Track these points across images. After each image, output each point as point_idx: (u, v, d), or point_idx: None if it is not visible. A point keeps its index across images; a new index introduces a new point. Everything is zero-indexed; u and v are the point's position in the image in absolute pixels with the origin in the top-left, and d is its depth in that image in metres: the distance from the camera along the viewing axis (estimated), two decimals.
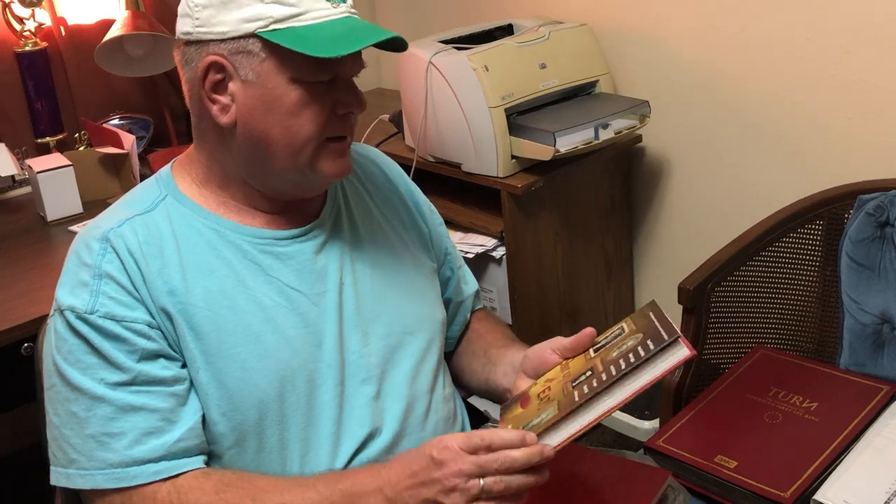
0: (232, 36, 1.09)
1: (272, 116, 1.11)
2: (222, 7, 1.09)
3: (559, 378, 1.13)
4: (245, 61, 1.09)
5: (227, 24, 1.09)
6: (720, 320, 1.72)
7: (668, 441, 1.42)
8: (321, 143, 1.14)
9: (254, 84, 1.10)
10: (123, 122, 2.50)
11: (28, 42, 2.34)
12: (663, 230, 2.43)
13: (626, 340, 1.10)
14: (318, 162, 1.14)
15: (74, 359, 1.08)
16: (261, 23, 1.08)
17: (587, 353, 1.16)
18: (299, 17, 1.08)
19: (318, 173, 1.15)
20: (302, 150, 1.13)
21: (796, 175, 2.08)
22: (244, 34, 1.08)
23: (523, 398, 1.15)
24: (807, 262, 1.81)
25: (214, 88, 1.11)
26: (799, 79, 2.02)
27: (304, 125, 1.11)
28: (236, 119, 1.12)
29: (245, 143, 1.13)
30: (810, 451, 1.35)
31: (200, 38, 1.11)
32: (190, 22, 1.12)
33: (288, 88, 1.10)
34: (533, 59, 2.15)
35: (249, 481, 1.09)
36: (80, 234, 1.16)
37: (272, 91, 1.10)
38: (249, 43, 1.09)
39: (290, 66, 1.09)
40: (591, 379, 1.06)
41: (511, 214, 2.11)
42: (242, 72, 1.10)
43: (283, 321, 1.15)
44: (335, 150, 1.15)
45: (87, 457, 1.07)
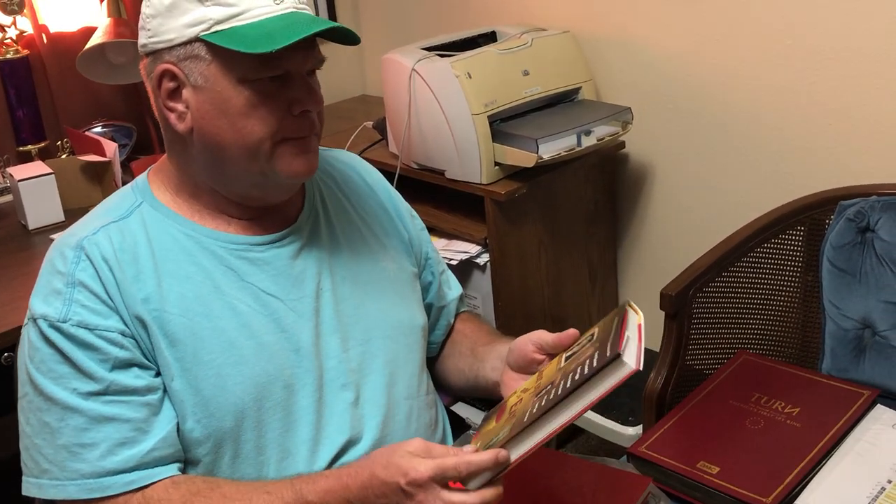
0: (178, 42, 1.09)
1: (224, 120, 1.10)
2: (168, 15, 1.09)
3: (532, 389, 1.12)
4: (193, 66, 1.09)
5: (173, 30, 1.09)
6: (702, 326, 1.72)
7: (650, 447, 1.41)
8: (277, 143, 1.12)
9: (204, 88, 1.10)
10: (106, 130, 2.50)
11: (10, 50, 2.33)
12: (647, 236, 2.44)
13: (590, 351, 1.08)
14: (276, 162, 1.12)
15: (47, 368, 1.07)
16: (203, 26, 1.07)
17: (560, 359, 1.15)
18: (240, 16, 1.08)
19: (277, 174, 1.13)
20: (257, 152, 1.11)
21: (778, 181, 2.09)
22: (189, 39, 1.08)
23: (500, 409, 1.14)
24: (788, 267, 1.82)
25: (170, 97, 1.11)
26: (780, 85, 2.03)
27: (255, 126, 1.10)
28: (192, 125, 1.11)
29: (203, 149, 1.13)
30: (792, 457, 1.35)
31: (154, 48, 1.11)
32: (145, 34, 1.12)
33: (236, 90, 1.09)
34: (516, 66, 2.15)
35: (217, 489, 1.08)
36: (55, 242, 1.15)
37: (221, 94, 1.09)
38: (195, 48, 1.09)
39: (236, 66, 1.08)
40: (547, 395, 1.04)
41: (495, 221, 2.11)
42: (192, 77, 1.10)
43: (260, 327, 1.15)
44: (293, 149, 1.13)
45: (59, 467, 1.07)
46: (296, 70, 1.12)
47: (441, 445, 1.05)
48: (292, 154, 1.13)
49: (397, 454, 1.02)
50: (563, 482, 1.19)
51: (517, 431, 1.00)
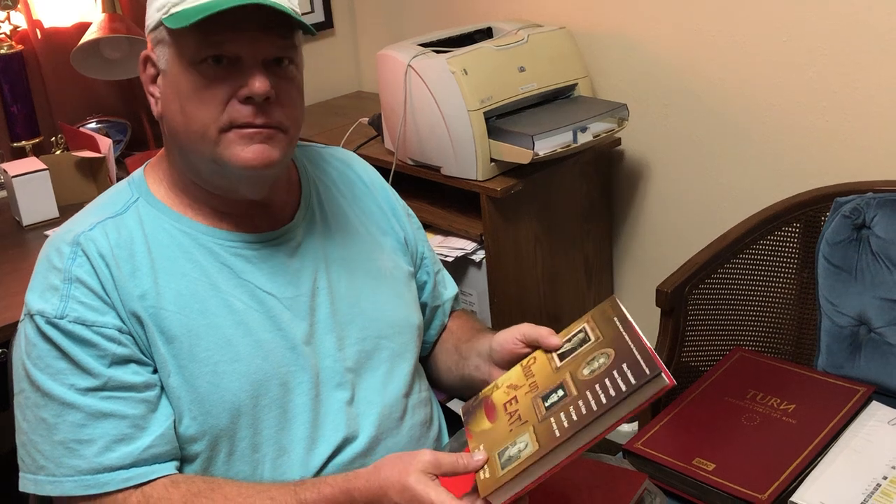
0: (151, 28, 1.11)
1: (176, 104, 1.10)
2: (150, 1, 1.11)
3: (524, 387, 1.10)
4: (161, 51, 1.10)
5: (150, 16, 1.11)
6: (698, 323, 1.72)
7: (646, 444, 1.42)
8: (223, 130, 1.08)
9: (166, 73, 1.11)
10: (100, 126, 2.49)
11: (3, 45, 2.32)
12: (642, 233, 2.44)
13: (594, 354, 1.05)
14: (223, 151, 1.09)
15: (44, 364, 1.07)
16: (164, 9, 1.08)
17: (551, 357, 1.12)
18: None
19: (227, 163, 1.09)
20: (203, 138, 1.09)
21: (773, 177, 2.09)
22: (156, 24, 1.10)
23: (488, 407, 1.11)
24: (784, 264, 1.82)
25: (152, 83, 1.13)
26: (776, 81, 2.03)
27: (198, 110, 1.08)
28: (162, 110, 1.12)
29: (169, 135, 1.14)
30: (788, 453, 1.35)
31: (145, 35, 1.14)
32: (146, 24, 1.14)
33: (187, 73, 1.08)
34: (512, 62, 2.15)
35: (218, 489, 1.08)
36: (50, 237, 1.15)
37: (175, 77, 1.09)
38: (161, 32, 1.10)
39: (184, 48, 1.08)
40: (567, 406, 1.01)
41: (491, 218, 2.11)
42: (161, 62, 1.11)
43: (256, 325, 1.14)
44: (239, 137, 1.08)
45: (55, 463, 1.06)
46: (249, 56, 1.07)
47: (448, 456, 1.03)
48: (238, 143, 1.09)
49: (412, 477, 1.00)
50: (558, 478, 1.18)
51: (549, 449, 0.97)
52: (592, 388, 1.01)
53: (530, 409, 1.05)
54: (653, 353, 1.00)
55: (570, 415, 0.99)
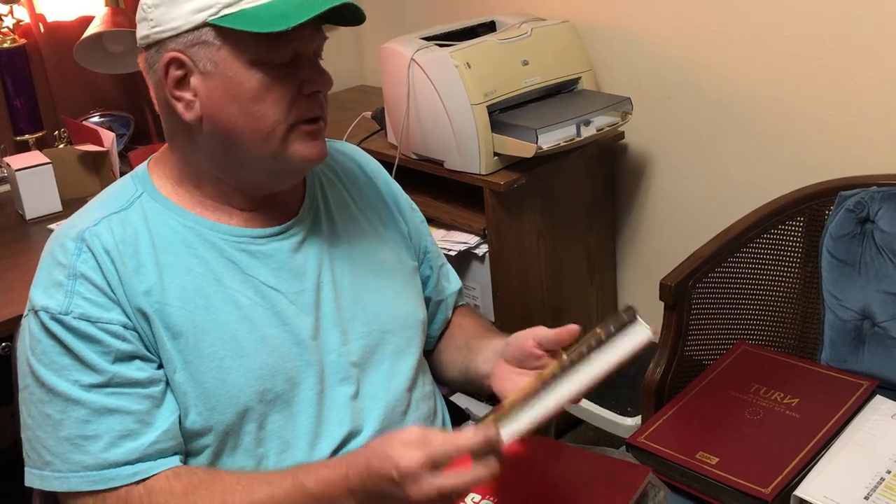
0: (185, 29, 1.07)
1: (235, 105, 1.08)
2: (172, 3, 1.07)
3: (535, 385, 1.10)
4: (202, 52, 1.08)
5: (178, 18, 1.07)
6: (702, 317, 1.72)
7: (649, 438, 1.42)
8: (290, 126, 1.10)
9: (213, 74, 1.08)
10: (103, 120, 2.49)
11: (6, 39, 2.32)
12: (646, 227, 2.44)
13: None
14: (290, 147, 1.11)
15: (48, 360, 1.07)
16: (211, 10, 1.06)
17: (562, 358, 1.11)
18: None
19: (290, 159, 1.12)
20: (271, 136, 1.10)
21: (777, 171, 2.09)
22: (197, 25, 1.07)
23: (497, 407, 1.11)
24: (788, 258, 1.81)
25: (177, 85, 1.10)
26: (781, 75, 2.03)
27: (268, 109, 1.09)
28: (202, 114, 1.10)
29: (213, 137, 1.11)
30: (791, 447, 1.35)
31: (157, 38, 1.09)
32: (146, 25, 1.10)
33: (248, 73, 1.08)
34: (515, 55, 2.14)
35: (219, 480, 1.08)
36: (54, 233, 1.14)
37: (232, 78, 1.08)
38: (203, 33, 1.07)
39: (246, 49, 1.07)
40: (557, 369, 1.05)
41: (494, 212, 2.11)
42: (201, 64, 1.08)
43: (261, 320, 1.14)
44: (306, 134, 1.12)
45: (61, 459, 1.06)
46: (304, 51, 1.10)
47: (438, 430, 1.04)
48: (305, 139, 1.12)
49: (391, 444, 1.00)
50: (562, 472, 1.19)
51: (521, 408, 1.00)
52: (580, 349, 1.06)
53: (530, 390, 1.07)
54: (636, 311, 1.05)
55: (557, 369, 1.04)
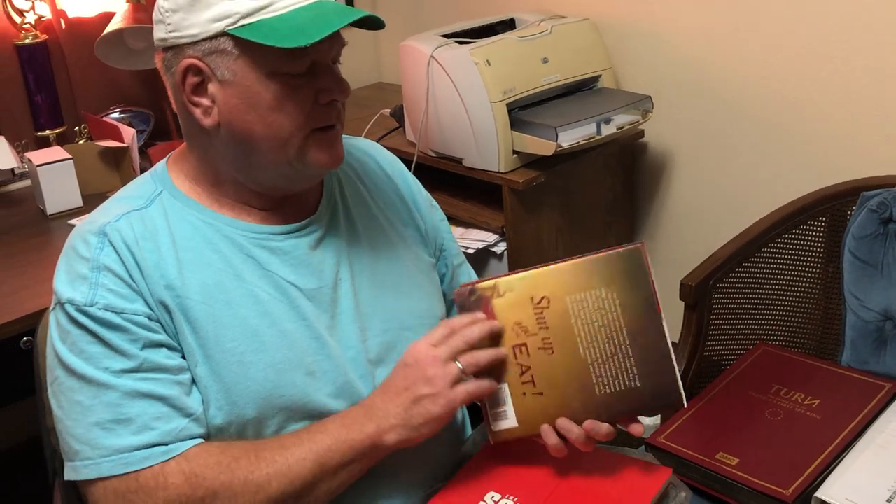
0: (203, 37, 1.07)
1: (254, 114, 1.09)
2: (190, 9, 1.07)
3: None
4: (220, 61, 1.08)
5: (197, 25, 1.07)
6: (722, 317, 1.71)
7: (669, 438, 1.41)
8: (308, 134, 1.11)
9: (231, 83, 1.08)
10: (123, 116, 2.50)
11: (28, 35, 2.33)
12: (665, 226, 2.43)
13: None
14: (307, 153, 1.12)
15: (78, 349, 1.07)
16: (229, 20, 1.06)
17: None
18: (267, 8, 1.06)
19: (308, 165, 1.13)
20: (288, 144, 1.11)
21: (799, 171, 2.08)
22: (215, 34, 1.07)
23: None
24: (809, 258, 1.80)
25: (195, 91, 1.10)
26: (803, 74, 2.02)
27: (286, 119, 1.09)
28: (219, 120, 1.10)
29: (231, 143, 1.12)
30: (812, 449, 1.34)
31: (175, 42, 1.09)
32: (163, 28, 1.10)
33: (265, 84, 1.08)
34: (535, 53, 2.14)
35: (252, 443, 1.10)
36: (76, 228, 1.15)
37: (250, 88, 1.08)
38: (221, 42, 1.07)
39: (264, 60, 1.07)
40: None
41: (512, 210, 2.11)
42: (219, 72, 1.08)
43: (280, 315, 1.14)
44: (324, 140, 1.13)
45: (90, 446, 1.06)
46: (321, 59, 1.11)
47: None
48: (321, 145, 1.13)
49: None
50: (582, 471, 1.18)
51: None
52: None
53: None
54: None
55: None
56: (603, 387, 1.11)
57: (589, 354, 1.11)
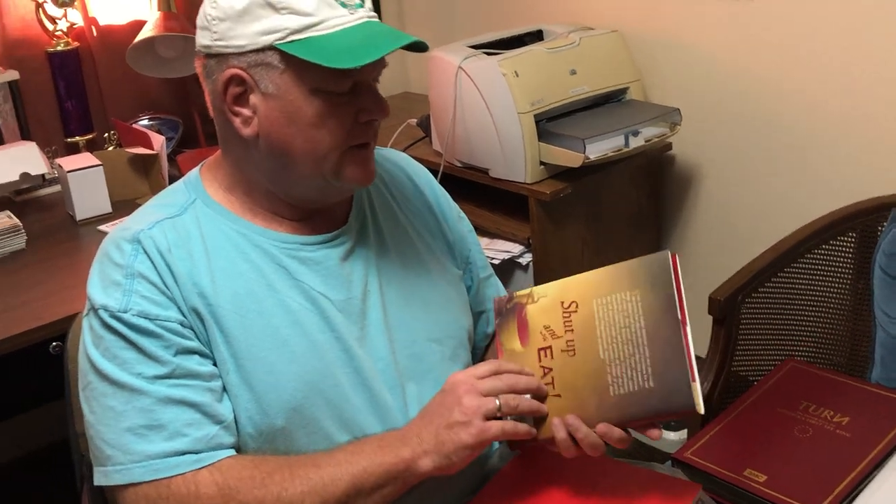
0: (250, 49, 1.07)
1: (294, 128, 1.10)
2: (238, 20, 1.07)
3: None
4: (264, 74, 1.08)
5: (244, 37, 1.07)
6: (750, 332, 1.70)
7: (696, 453, 1.40)
8: (345, 151, 1.12)
9: (274, 96, 1.09)
10: (152, 123, 2.52)
11: (60, 42, 2.36)
12: (691, 239, 2.42)
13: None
14: (343, 170, 1.13)
15: (111, 355, 1.08)
16: (278, 34, 1.06)
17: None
18: (316, 26, 1.07)
19: (342, 181, 1.14)
20: (325, 160, 1.12)
21: (829, 186, 2.06)
22: (262, 47, 1.07)
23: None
24: (839, 274, 1.79)
25: (236, 101, 1.11)
26: (833, 88, 2.00)
27: (326, 136, 1.10)
28: (258, 131, 1.11)
29: (268, 154, 1.13)
30: (842, 467, 1.33)
31: (219, 51, 1.10)
32: (208, 35, 1.11)
33: (308, 100, 1.09)
34: (563, 65, 2.14)
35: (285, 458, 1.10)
36: (109, 235, 1.16)
37: (293, 103, 1.09)
38: (268, 55, 1.07)
39: (310, 77, 1.08)
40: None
41: (538, 221, 2.10)
42: (262, 84, 1.09)
43: (311, 325, 1.15)
44: (359, 158, 1.14)
45: (122, 451, 1.06)
46: (364, 80, 1.12)
47: None
48: (357, 163, 1.14)
49: None
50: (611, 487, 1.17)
51: None
52: None
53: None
54: None
55: None
56: (618, 388, 1.10)
57: (608, 355, 1.11)
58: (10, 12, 2.31)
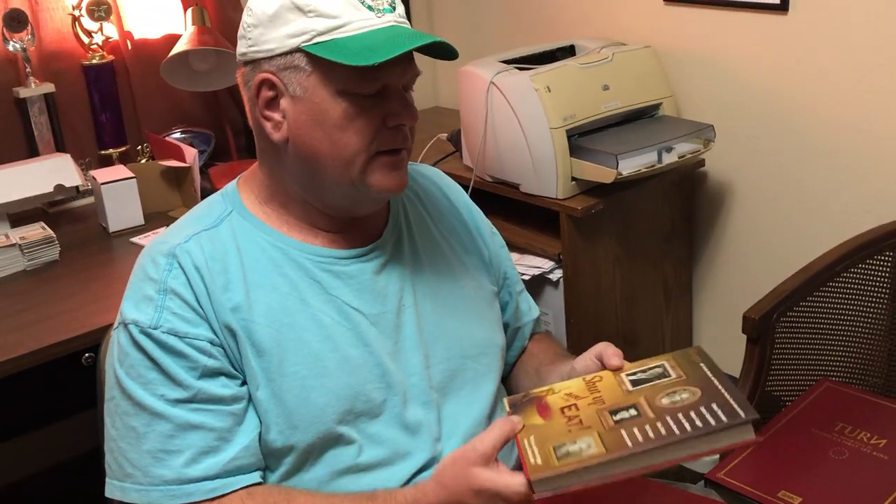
0: (279, 52, 1.09)
1: (320, 131, 1.10)
2: (270, 25, 1.09)
3: (587, 398, 1.08)
4: (293, 77, 1.09)
5: (274, 40, 1.09)
6: (785, 351, 1.68)
7: (729, 474, 1.38)
8: (372, 156, 1.11)
9: (302, 99, 1.10)
10: (185, 136, 2.53)
11: (95, 55, 2.38)
12: (724, 256, 2.39)
13: (675, 388, 1.04)
14: (370, 176, 1.12)
15: (136, 373, 1.09)
16: (305, 37, 1.07)
17: (620, 380, 1.10)
18: (342, 28, 1.07)
19: (369, 188, 1.13)
20: (352, 164, 1.11)
21: (865, 204, 2.03)
22: (290, 49, 1.08)
23: (541, 406, 1.08)
24: (875, 293, 1.77)
25: (268, 106, 1.12)
26: (870, 106, 1.98)
27: (351, 139, 1.10)
28: (288, 136, 1.12)
29: (297, 159, 1.13)
30: (879, 490, 1.31)
31: (253, 57, 1.12)
32: (245, 43, 1.13)
33: (334, 102, 1.09)
34: (596, 80, 2.13)
35: (293, 500, 1.09)
36: (146, 248, 1.16)
37: (319, 105, 1.09)
38: (295, 58, 1.09)
39: (335, 78, 1.08)
40: (641, 424, 0.99)
41: (569, 237, 2.09)
42: (291, 87, 1.10)
43: (343, 340, 1.14)
44: (387, 164, 1.13)
45: (143, 472, 1.08)
46: (393, 84, 1.11)
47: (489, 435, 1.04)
48: (385, 169, 1.13)
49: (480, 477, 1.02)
50: None
51: (616, 456, 0.96)
52: (674, 415, 0.99)
53: (595, 418, 1.03)
54: (751, 407, 0.98)
55: (647, 432, 0.98)
56: None
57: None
58: (46, 25, 2.33)
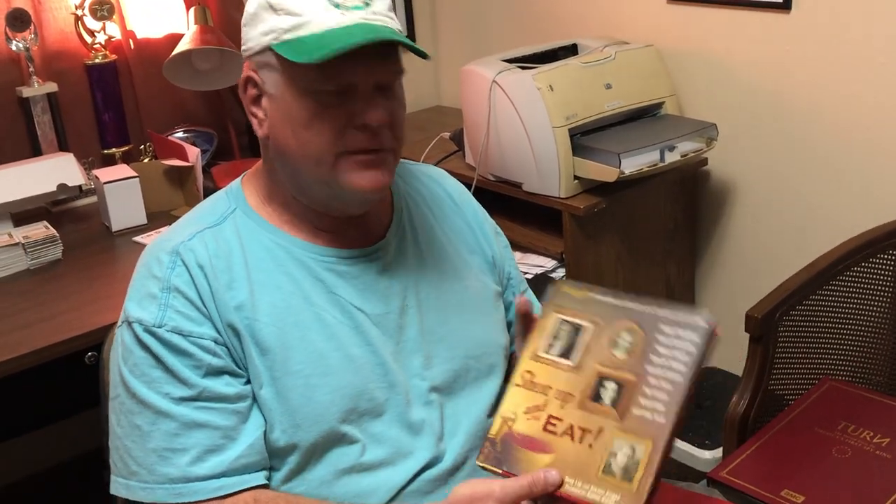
0: (256, 50, 1.11)
1: (289, 129, 1.10)
2: (251, 23, 1.11)
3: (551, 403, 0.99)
4: (268, 75, 1.10)
5: (253, 38, 1.11)
6: (787, 350, 1.68)
7: (732, 473, 1.38)
8: (339, 156, 1.10)
9: (275, 97, 1.11)
10: (188, 135, 2.54)
11: (98, 54, 2.38)
12: (726, 255, 2.39)
13: (609, 336, 0.99)
14: (341, 175, 1.10)
15: (140, 372, 1.09)
16: (272, 35, 1.08)
17: (551, 363, 1.01)
18: (304, 26, 1.07)
19: (342, 187, 1.11)
20: (321, 163, 1.10)
21: (868, 203, 2.03)
22: (263, 48, 1.09)
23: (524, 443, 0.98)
24: (878, 292, 1.76)
25: (253, 103, 1.14)
26: (873, 105, 1.98)
27: (315, 137, 1.09)
28: (269, 132, 1.13)
29: (277, 156, 1.14)
30: (882, 489, 1.30)
31: (244, 55, 1.14)
32: (242, 43, 1.15)
33: (300, 100, 1.09)
34: (598, 79, 2.13)
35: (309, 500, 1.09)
36: (149, 246, 1.17)
37: (288, 103, 1.10)
38: (267, 56, 1.10)
39: (299, 76, 1.08)
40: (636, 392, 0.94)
41: (572, 236, 2.09)
42: (268, 85, 1.11)
43: (347, 339, 1.15)
44: (358, 163, 1.10)
45: (148, 470, 1.08)
46: (362, 83, 1.08)
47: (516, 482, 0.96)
48: (353, 168, 1.11)
49: None
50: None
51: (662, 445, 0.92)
52: (651, 363, 0.96)
53: (590, 417, 0.96)
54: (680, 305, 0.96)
55: (655, 396, 0.94)
56: None
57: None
58: (49, 25, 2.34)
